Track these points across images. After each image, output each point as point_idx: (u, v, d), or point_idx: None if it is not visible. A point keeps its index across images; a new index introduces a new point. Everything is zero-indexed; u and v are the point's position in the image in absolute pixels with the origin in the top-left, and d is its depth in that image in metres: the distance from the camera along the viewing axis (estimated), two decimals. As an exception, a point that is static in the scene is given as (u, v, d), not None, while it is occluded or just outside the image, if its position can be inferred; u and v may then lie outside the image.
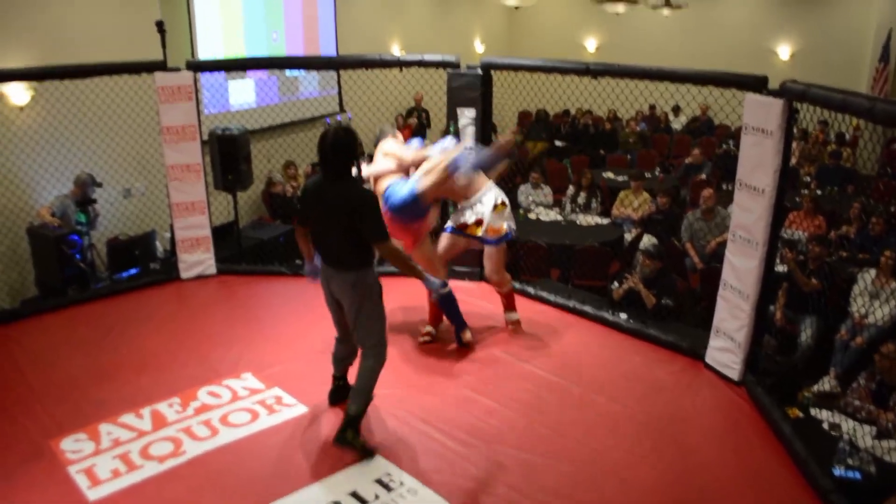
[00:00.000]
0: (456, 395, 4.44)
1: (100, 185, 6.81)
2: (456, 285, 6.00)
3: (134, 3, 7.88)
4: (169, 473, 3.74)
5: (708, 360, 4.77)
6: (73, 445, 3.97)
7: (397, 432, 4.06)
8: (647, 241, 6.98)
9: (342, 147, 3.67)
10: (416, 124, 11.70)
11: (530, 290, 5.85)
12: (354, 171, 4.06)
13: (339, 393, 4.29)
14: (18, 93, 6.97)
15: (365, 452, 3.83)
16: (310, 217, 3.86)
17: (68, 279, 6.31)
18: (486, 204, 4.85)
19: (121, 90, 6.43)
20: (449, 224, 5.11)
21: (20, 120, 6.99)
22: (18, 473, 3.75)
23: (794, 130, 4.23)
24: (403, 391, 4.46)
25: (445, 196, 5.09)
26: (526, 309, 5.62)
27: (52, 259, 6.27)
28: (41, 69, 5.92)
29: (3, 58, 6.54)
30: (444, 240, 5.10)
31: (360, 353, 3.98)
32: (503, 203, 4.89)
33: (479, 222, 4.87)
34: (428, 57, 5.96)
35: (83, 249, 6.50)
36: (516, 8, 9.74)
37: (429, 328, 5.16)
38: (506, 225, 4.92)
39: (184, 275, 6.33)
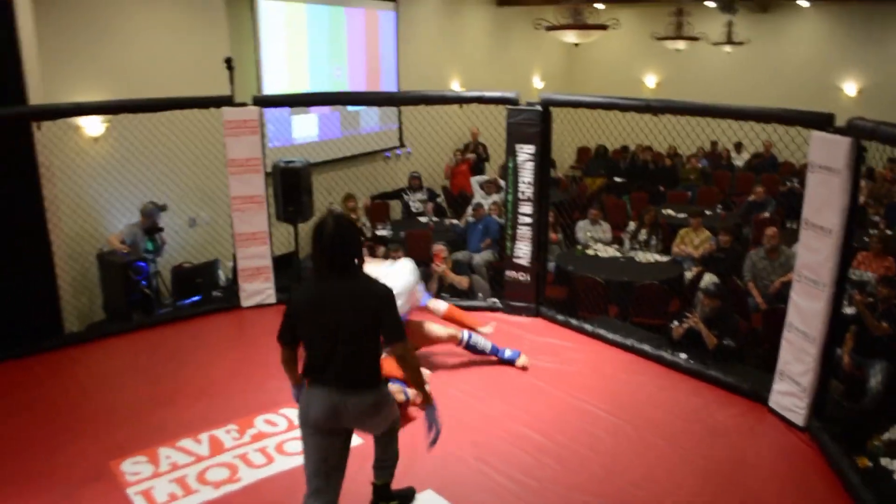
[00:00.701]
0: (510, 431, 4.39)
1: (164, 208, 7.02)
2: (511, 320, 6.01)
3: (204, 41, 8.18)
4: (224, 499, 3.79)
5: (771, 403, 4.63)
6: (132, 468, 4.06)
7: (451, 468, 4.03)
8: (708, 279, 6.84)
9: (349, 236, 3.09)
10: (474, 159, 11.77)
11: (588, 327, 5.79)
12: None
13: None
14: (94, 125, 7.28)
15: (407, 499, 3.72)
16: (305, 332, 3.15)
17: (134, 304, 6.50)
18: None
19: (189, 123, 6.65)
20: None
21: (94, 151, 7.28)
22: (79, 493, 3.84)
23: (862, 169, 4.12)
24: (457, 427, 4.42)
25: None
26: (583, 346, 5.57)
27: (120, 284, 6.47)
28: (116, 103, 6.17)
29: (80, 91, 6.84)
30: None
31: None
32: None
33: None
34: (488, 93, 6.01)
35: (149, 276, 6.69)
36: (576, 45, 9.76)
37: None
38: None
39: (244, 303, 6.45)
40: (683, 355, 5.30)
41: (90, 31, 7.23)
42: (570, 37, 9.38)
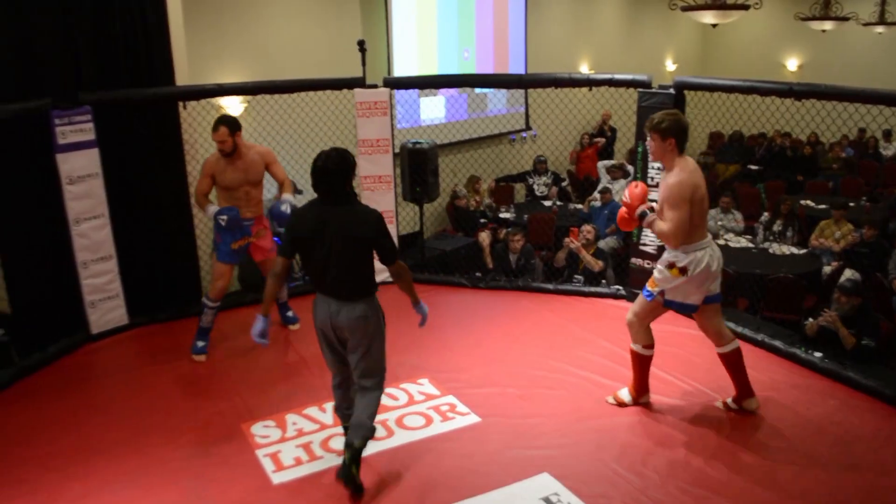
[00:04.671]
0: (630, 421, 4.32)
1: (301, 192, 7.29)
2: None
3: (338, 24, 8.41)
4: (346, 468, 3.92)
5: (915, 410, 4.33)
6: (262, 431, 4.28)
7: (568, 453, 4.01)
8: (849, 275, 6.44)
9: (343, 166, 3.54)
10: (602, 143, 11.56)
11: (714, 319, 5.58)
12: None
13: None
14: (233, 105, 7.64)
15: (358, 489, 3.66)
16: (304, 247, 3.61)
17: (266, 277, 6.76)
18: (664, 258, 4.27)
19: (322, 104, 6.87)
20: None
21: (234, 129, 7.62)
22: (214, 450, 4.10)
23: None
24: (576, 414, 4.41)
25: None
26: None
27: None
28: (255, 84, 6.44)
29: (222, 73, 7.19)
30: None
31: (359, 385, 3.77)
32: (680, 269, 4.13)
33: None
34: (619, 76, 5.87)
35: (282, 251, 6.96)
36: (713, 26, 9.36)
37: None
38: (659, 287, 4.25)
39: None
40: (818, 354, 5.03)
41: (231, 16, 7.58)
42: (708, 17, 9.00)
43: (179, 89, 5.99)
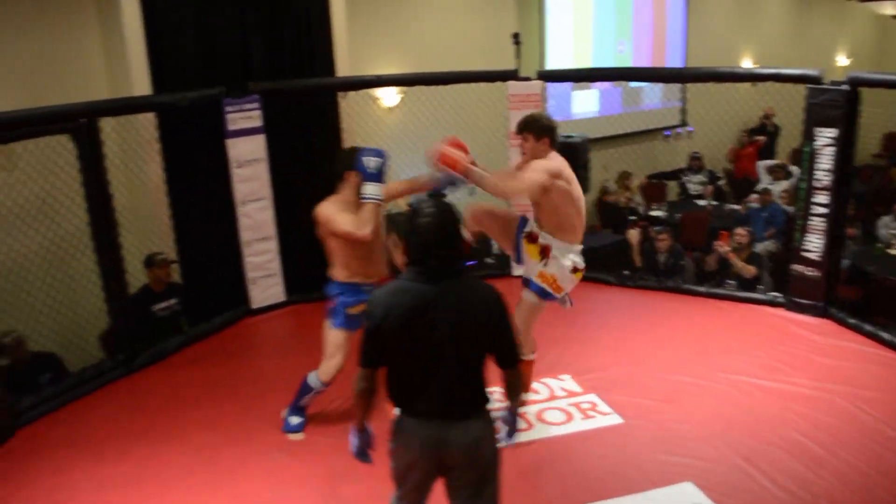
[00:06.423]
0: (785, 437, 4.09)
1: (454, 182, 7.40)
2: (794, 318, 5.58)
3: (492, 17, 8.45)
4: (485, 458, 3.96)
5: None
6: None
7: (716, 464, 3.86)
8: None
9: (455, 226, 2.57)
10: (763, 142, 10.97)
11: (884, 335, 5.17)
12: None
13: None
14: (390, 95, 7.86)
15: None
16: (397, 349, 2.54)
17: (414, 263, 6.94)
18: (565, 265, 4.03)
19: (475, 95, 6.93)
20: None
21: (389, 119, 7.85)
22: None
23: None
24: (723, 424, 4.24)
25: None
26: (877, 356, 5.02)
27: (403, 243, 6.96)
28: (412, 76, 6.61)
29: (379, 64, 7.40)
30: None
31: None
32: (581, 271, 4.06)
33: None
34: (786, 70, 5.57)
35: (430, 239, 7.10)
36: (894, 17, 8.68)
37: None
38: (566, 290, 4.06)
39: (514, 272, 6.64)
40: None
41: (389, 10, 7.78)
42: (889, 8, 8.39)
43: (340, 80, 6.26)
